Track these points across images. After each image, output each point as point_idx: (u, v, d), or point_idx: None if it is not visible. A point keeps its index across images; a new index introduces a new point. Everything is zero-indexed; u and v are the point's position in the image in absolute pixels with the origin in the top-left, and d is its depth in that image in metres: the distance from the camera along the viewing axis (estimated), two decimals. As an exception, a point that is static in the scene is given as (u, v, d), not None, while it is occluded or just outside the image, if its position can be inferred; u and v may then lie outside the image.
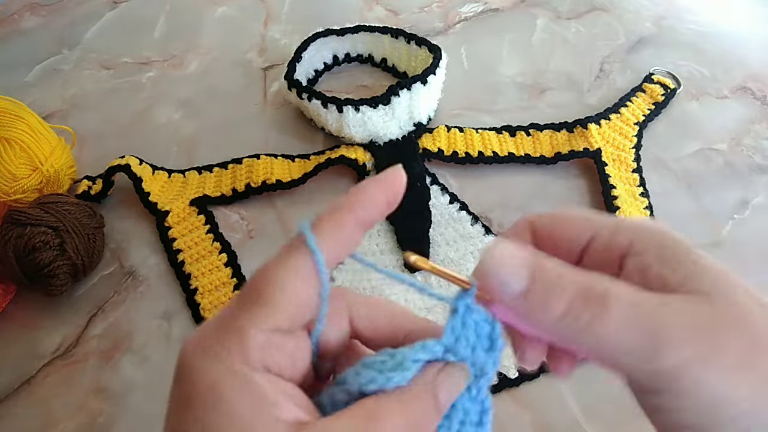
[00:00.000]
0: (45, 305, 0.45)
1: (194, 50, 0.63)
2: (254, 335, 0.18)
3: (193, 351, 0.19)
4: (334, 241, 0.20)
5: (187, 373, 0.19)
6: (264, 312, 0.19)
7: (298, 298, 0.19)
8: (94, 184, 0.50)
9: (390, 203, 0.21)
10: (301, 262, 0.19)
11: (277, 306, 0.19)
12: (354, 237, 0.20)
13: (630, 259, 0.20)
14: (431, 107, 0.53)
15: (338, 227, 0.20)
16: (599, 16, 0.64)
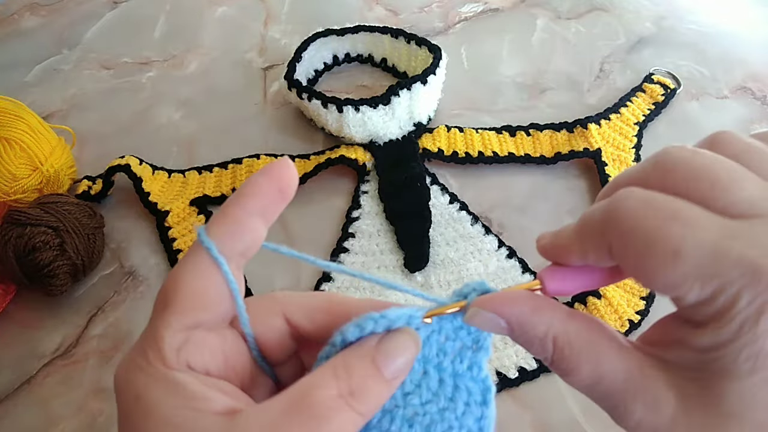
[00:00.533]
0: (45, 305, 0.45)
1: (194, 50, 0.63)
2: (168, 337, 0.19)
3: (121, 369, 0.19)
4: (230, 235, 0.20)
5: (118, 392, 0.19)
6: (172, 313, 0.19)
7: (201, 294, 0.20)
8: (94, 184, 0.50)
9: (282, 190, 0.21)
10: (199, 259, 0.20)
11: (183, 305, 0.19)
12: (253, 228, 0.21)
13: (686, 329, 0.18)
14: (431, 107, 0.53)
15: (231, 221, 0.21)
16: (599, 16, 0.64)
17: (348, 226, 0.48)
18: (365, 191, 0.50)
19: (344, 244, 0.47)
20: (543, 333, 0.20)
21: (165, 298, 0.20)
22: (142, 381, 0.19)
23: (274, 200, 0.21)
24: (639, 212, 0.18)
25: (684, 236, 0.17)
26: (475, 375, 0.21)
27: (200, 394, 0.18)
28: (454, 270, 0.45)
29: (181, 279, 0.20)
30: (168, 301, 0.20)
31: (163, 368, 0.19)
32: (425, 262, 0.45)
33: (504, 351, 0.41)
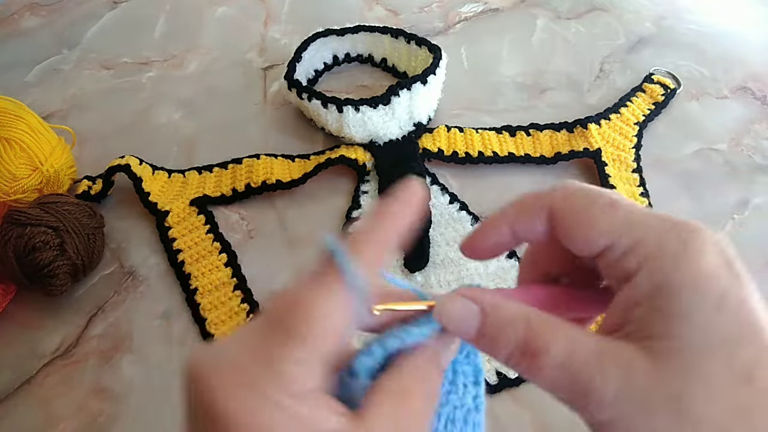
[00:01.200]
0: (45, 305, 0.45)
1: (194, 50, 0.63)
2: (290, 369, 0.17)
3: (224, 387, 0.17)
4: (369, 269, 0.19)
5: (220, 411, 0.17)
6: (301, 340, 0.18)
7: (336, 329, 0.18)
8: (94, 184, 0.50)
9: (416, 220, 0.21)
10: (335, 290, 0.18)
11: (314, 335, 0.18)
12: (383, 258, 0.20)
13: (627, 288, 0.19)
14: (431, 107, 0.53)
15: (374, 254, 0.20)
16: (599, 16, 0.64)
17: (348, 226, 0.48)
18: (365, 191, 0.50)
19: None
20: (516, 314, 0.20)
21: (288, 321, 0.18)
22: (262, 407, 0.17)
23: (407, 230, 0.21)
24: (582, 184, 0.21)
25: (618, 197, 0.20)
26: (470, 359, 0.23)
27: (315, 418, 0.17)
28: (454, 270, 0.45)
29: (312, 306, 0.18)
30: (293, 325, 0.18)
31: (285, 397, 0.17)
32: (425, 262, 0.45)
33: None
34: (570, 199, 0.21)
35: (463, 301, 0.21)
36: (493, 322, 0.20)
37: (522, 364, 0.20)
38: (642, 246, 0.19)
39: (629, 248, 0.19)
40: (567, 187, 0.21)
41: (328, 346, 0.18)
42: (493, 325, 0.20)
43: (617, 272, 0.20)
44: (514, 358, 0.20)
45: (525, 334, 0.19)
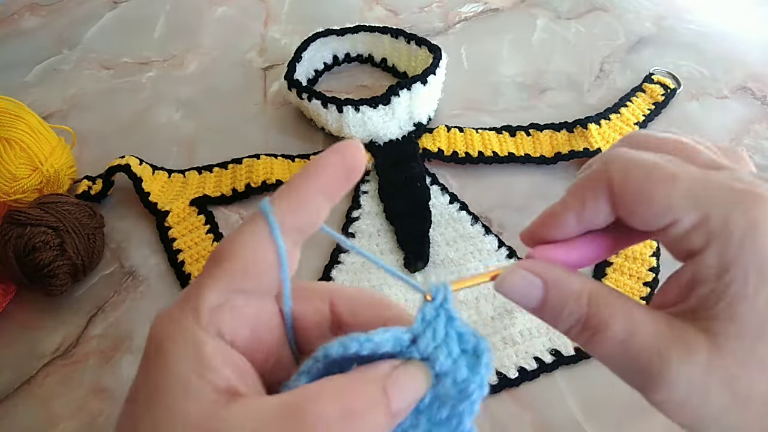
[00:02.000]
0: (45, 305, 0.45)
1: (194, 50, 0.63)
2: (208, 294, 0.19)
3: (157, 317, 0.20)
4: (291, 209, 0.20)
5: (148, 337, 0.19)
6: (218, 272, 0.19)
7: (251, 260, 0.19)
8: (94, 184, 0.50)
9: (349, 170, 0.21)
10: (256, 227, 0.20)
11: (230, 266, 0.19)
12: (316, 206, 0.20)
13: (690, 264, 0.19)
14: (431, 107, 0.53)
15: (294, 197, 0.20)
16: (599, 16, 0.64)
17: (348, 226, 0.48)
18: (365, 191, 0.50)
19: (344, 244, 0.47)
20: (579, 288, 0.20)
21: (214, 258, 0.20)
22: (169, 331, 0.19)
23: (341, 180, 0.21)
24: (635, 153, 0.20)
25: (677, 168, 0.19)
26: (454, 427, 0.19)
27: (212, 362, 0.18)
28: (454, 270, 0.45)
29: (235, 242, 0.20)
30: (217, 260, 0.20)
31: (193, 324, 0.19)
32: (425, 263, 0.45)
33: (504, 351, 0.41)
34: (629, 177, 0.20)
35: (525, 274, 0.21)
36: (556, 296, 0.20)
37: (582, 337, 0.20)
38: (708, 223, 0.18)
39: (694, 225, 0.18)
40: (624, 162, 0.20)
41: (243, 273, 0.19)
42: (555, 299, 0.20)
43: (682, 248, 0.19)
44: (574, 331, 0.20)
45: (587, 310, 0.20)
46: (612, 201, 0.20)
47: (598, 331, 0.19)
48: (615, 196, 0.20)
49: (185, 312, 0.19)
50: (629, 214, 0.20)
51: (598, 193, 0.21)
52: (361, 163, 0.21)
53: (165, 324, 0.19)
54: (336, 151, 0.21)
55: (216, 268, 0.20)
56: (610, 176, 0.20)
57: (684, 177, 0.19)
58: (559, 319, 0.20)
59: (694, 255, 0.19)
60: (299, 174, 0.21)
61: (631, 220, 0.20)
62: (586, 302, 0.20)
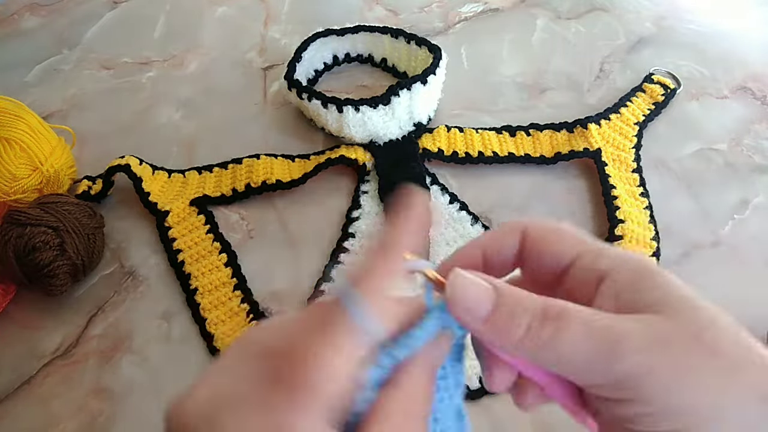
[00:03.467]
0: (45, 305, 0.45)
1: (194, 50, 0.63)
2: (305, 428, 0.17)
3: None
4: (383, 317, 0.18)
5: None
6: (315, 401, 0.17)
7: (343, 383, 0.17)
8: (94, 184, 0.50)
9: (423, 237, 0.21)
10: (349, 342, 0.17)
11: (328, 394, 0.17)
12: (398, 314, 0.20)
13: (605, 284, 0.21)
14: (431, 107, 0.53)
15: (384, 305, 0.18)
16: (599, 16, 0.64)
17: (348, 226, 0.48)
18: (365, 191, 0.50)
19: (344, 244, 0.47)
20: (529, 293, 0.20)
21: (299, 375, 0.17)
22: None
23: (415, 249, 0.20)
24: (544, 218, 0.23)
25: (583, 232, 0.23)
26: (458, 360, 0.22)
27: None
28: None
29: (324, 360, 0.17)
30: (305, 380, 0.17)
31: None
32: (425, 262, 0.45)
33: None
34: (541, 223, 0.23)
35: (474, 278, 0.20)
36: (510, 298, 0.20)
37: (544, 332, 0.19)
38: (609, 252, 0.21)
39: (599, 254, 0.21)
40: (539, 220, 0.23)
41: (335, 399, 0.17)
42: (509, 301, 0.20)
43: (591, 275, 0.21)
44: (534, 328, 0.19)
45: (543, 302, 0.20)
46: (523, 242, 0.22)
47: (560, 318, 0.19)
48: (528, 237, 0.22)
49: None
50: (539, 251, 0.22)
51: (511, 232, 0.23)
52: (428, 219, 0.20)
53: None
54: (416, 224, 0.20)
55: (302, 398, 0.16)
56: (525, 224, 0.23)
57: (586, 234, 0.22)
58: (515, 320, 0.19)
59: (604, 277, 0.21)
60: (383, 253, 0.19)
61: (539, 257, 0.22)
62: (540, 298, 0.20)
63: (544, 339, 0.19)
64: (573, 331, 0.19)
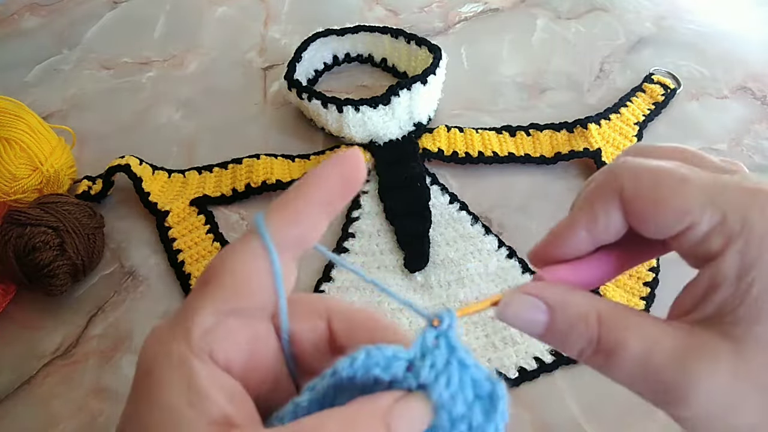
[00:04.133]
0: (45, 305, 0.45)
1: (194, 50, 0.63)
2: (200, 315, 0.18)
3: (147, 338, 0.18)
4: (286, 223, 0.19)
5: (138, 360, 0.18)
6: (209, 292, 0.18)
7: (244, 278, 0.18)
8: (94, 184, 0.50)
9: (348, 181, 0.19)
10: (249, 244, 0.19)
11: (223, 286, 0.18)
12: (313, 219, 0.19)
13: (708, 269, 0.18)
14: (431, 107, 0.53)
15: (290, 209, 0.19)
16: (599, 16, 0.64)
17: (348, 226, 0.48)
18: (365, 191, 0.50)
19: (344, 244, 0.47)
20: (586, 309, 0.19)
21: (206, 277, 0.19)
22: (160, 356, 0.17)
23: (339, 192, 0.19)
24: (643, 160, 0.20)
25: (687, 172, 0.19)
26: None
27: (205, 391, 0.17)
28: (454, 270, 0.45)
29: (227, 260, 0.19)
30: (208, 280, 0.18)
31: (184, 348, 0.17)
32: (425, 262, 0.45)
33: (504, 351, 0.41)
34: (640, 183, 0.19)
35: (527, 299, 0.20)
36: (562, 320, 0.19)
37: (595, 361, 0.19)
38: (725, 225, 0.18)
39: (711, 228, 0.18)
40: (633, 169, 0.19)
41: (236, 293, 0.18)
42: (561, 323, 0.19)
43: (698, 253, 0.18)
44: (586, 354, 0.19)
45: (597, 332, 0.19)
46: (624, 211, 0.20)
47: (612, 354, 0.18)
48: (627, 205, 0.19)
49: (176, 335, 0.18)
50: (644, 222, 0.19)
51: (609, 204, 0.20)
52: (361, 175, 0.19)
53: (155, 347, 0.18)
54: (334, 163, 0.19)
55: (207, 286, 0.18)
56: (621, 185, 0.19)
57: (696, 180, 0.18)
58: (568, 343, 0.19)
59: (712, 259, 0.18)
60: (295, 186, 0.19)
61: (645, 228, 0.19)
62: (595, 324, 0.19)
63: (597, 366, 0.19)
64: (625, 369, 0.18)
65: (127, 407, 0.18)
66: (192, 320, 0.18)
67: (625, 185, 0.19)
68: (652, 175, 0.19)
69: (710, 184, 0.18)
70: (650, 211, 0.19)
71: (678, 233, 0.19)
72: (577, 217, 0.21)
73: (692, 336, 0.18)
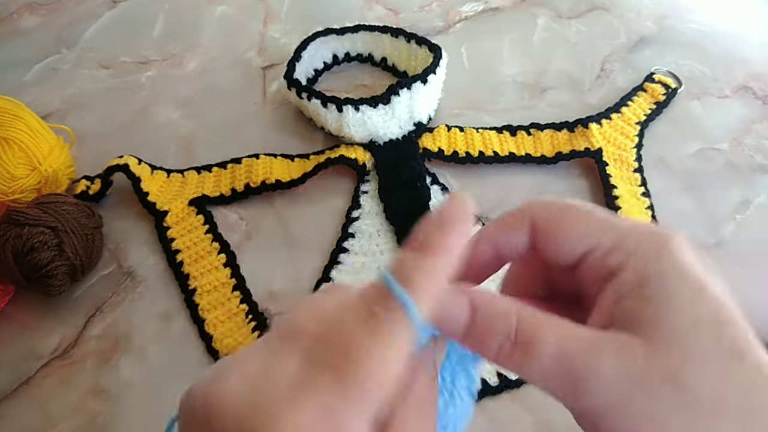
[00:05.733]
0: (43, 306, 0.45)
1: (193, 49, 0.63)
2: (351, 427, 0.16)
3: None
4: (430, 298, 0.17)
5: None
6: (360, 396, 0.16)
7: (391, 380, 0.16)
8: (93, 183, 0.50)
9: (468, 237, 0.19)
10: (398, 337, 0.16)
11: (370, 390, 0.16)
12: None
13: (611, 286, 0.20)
14: (431, 107, 0.53)
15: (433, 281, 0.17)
16: (600, 16, 0.64)
17: (348, 226, 0.48)
18: (365, 191, 0.50)
19: (344, 244, 0.47)
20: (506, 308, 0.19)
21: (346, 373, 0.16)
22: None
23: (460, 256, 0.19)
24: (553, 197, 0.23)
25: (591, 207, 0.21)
26: None
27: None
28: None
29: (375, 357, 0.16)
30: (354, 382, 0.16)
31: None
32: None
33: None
34: (549, 208, 0.22)
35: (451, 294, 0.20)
36: (483, 315, 0.19)
37: (514, 356, 0.19)
38: (623, 245, 0.20)
39: (611, 248, 0.20)
40: (544, 200, 0.22)
41: (382, 397, 0.16)
42: (482, 318, 0.19)
43: (600, 272, 0.20)
44: (505, 351, 0.19)
45: (517, 325, 0.19)
46: (532, 233, 0.21)
47: (530, 344, 0.18)
48: (537, 228, 0.21)
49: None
50: (549, 243, 0.21)
51: (518, 223, 0.22)
52: None
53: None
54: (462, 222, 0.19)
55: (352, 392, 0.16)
56: (533, 211, 0.22)
57: (598, 212, 0.21)
58: (488, 339, 0.19)
59: (612, 276, 0.20)
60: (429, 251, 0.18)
61: (551, 249, 0.21)
62: (515, 318, 0.19)
63: (514, 362, 0.19)
64: (541, 361, 0.18)
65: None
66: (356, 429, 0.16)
67: (535, 211, 0.22)
68: (561, 205, 0.22)
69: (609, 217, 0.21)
70: (558, 232, 0.21)
71: (581, 255, 0.20)
72: (484, 231, 0.22)
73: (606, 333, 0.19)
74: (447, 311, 0.20)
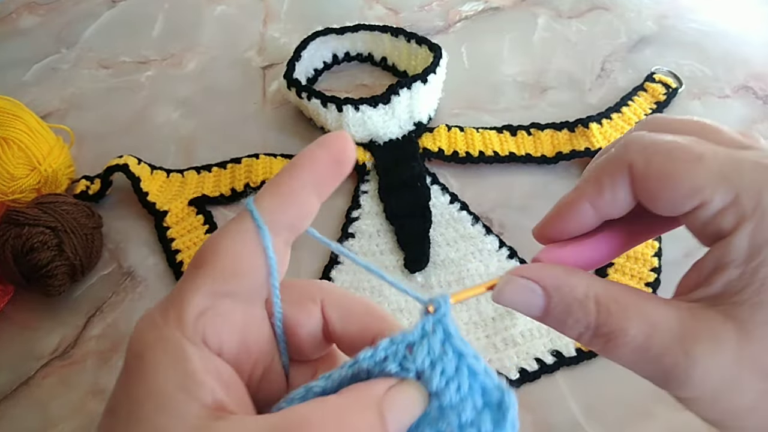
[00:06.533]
0: (43, 306, 0.45)
1: (193, 49, 0.63)
2: (193, 299, 0.18)
3: (139, 321, 0.18)
4: (279, 206, 0.19)
5: (129, 344, 0.18)
6: (202, 274, 0.18)
7: (237, 260, 0.18)
8: (93, 183, 0.49)
9: (338, 163, 0.19)
10: (242, 226, 0.19)
11: (215, 268, 0.18)
12: (305, 202, 0.19)
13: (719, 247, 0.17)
14: (431, 106, 0.53)
15: (283, 192, 0.19)
16: (601, 15, 0.64)
17: (348, 226, 0.48)
18: (365, 191, 0.49)
19: (344, 244, 0.47)
20: (583, 293, 0.18)
21: (198, 261, 0.18)
22: (151, 339, 0.17)
23: (329, 174, 0.19)
24: (656, 135, 0.19)
25: (702, 148, 0.18)
26: None
27: (198, 376, 0.17)
28: (455, 270, 0.45)
29: (219, 243, 0.18)
30: (200, 263, 0.18)
31: (176, 333, 0.17)
32: (425, 263, 0.45)
33: (505, 352, 0.41)
34: (652, 159, 0.18)
35: (522, 282, 0.19)
36: (558, 304, 0.19)
37: (595, 344, 0.18)
38: (738, 204, 0.17)
39: (725, 206, 0.17)
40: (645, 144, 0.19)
41: (228, 275, 0.18)
42: (558, 307, 0.19)
43: (708, 231, 0.18)
44: (585, 338, 0.19)
45: (595, 316, 0.18)
46: (633, 187, 0.19)
47: (611, 338, 0.18)
48: (636, 181, 0.19)
49: (168, 319, 0.17)
50: (653, 199, 0.19)
51: (618, 179, 0.19)
52: (350, 156, 0.19)
53: (147, 332, 0.18)
54: (323, 144, 0.19)
55: (200, 269, 0.18)
56: (631, 160, 0.19)
57: (711, 156, 0.18)
58: (566, 326, 0.19)
59: (722, 238, 0.17)
60: (285, 169, 0.19)
61: (655, 205, 0.19)
62: (593, 308, 0.18)
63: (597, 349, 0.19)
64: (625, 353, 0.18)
65: (116, 391, 0.18)
66: (184, 304, 0.18)
67: (635, 160, 0.19)
68: (664, 152, 0.18)
69: (725, 161, 0.18)
70: (660, 188, 0.18)
71: (688, 211, 0.18)
72: (582, 190, 0.20)
73: (694, 317, 0.17)
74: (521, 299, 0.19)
